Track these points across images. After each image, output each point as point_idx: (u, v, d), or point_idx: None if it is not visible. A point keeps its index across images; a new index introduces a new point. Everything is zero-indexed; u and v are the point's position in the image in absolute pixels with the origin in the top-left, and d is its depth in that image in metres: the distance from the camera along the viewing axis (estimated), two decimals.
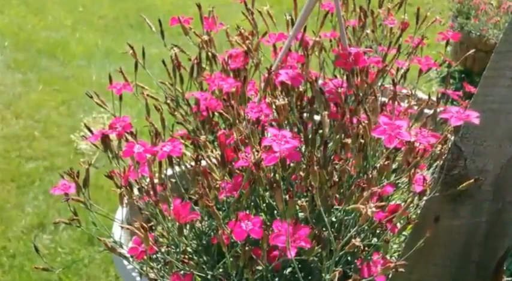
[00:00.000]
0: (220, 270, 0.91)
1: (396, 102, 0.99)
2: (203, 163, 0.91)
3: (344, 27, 1.04)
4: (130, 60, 1.11)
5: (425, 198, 0.84)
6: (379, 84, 1.11)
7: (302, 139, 0.88)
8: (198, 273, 0.88)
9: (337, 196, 0.89)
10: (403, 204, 0.84)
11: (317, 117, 0.96)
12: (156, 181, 0.91)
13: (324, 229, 0.79)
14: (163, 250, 0.95)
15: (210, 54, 1.11)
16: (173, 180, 0.96)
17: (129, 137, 0.95)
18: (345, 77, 0.99)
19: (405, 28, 1.15)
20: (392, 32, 1.17)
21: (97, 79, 2.92)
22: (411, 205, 0.84)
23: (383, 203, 0.87)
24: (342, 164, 0.87)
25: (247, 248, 0.80)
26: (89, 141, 0.95)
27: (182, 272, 0.87)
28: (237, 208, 0.87)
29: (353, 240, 0.76)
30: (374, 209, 0.75)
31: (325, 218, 0.77)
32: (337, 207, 0.88)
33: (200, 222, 0.99)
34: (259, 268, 0.83)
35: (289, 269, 0.92)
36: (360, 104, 0.92)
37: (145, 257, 0.88)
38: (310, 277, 0.94)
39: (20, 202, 2.02)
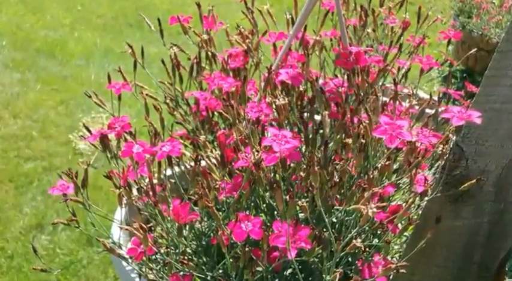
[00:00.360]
0: (220, 271, 0.90)
1: (397, 102, 0.99)
2: (203, 163, 0.90)
3: (345, 26, 1.04)
4: (129, 60, 1.10)
5: (426, 198, 0.84)
6: (380, 83, 1.10)
7: (302, 139, 0.88)
8: (197, 274, 0.88)
9: (338, 196, 0.89)
10: (404, 204, 0.83)
11: (317, 117, 0.95)
12: (155, 181, 0.91)
13: (324, 229, 0.79)
14: (162, 250, 0.95)
15: (209, 53, 1.11)
16: (172, 180, 0.96)
17: (128, 137, 0.95)
18: (345, 77, 0.99)
19: (406, 27, 1.15)
20: (393, 31, 1.17)
21: (96, 79, 2.91)
22: (412, 205, 0.83)
23: (384, 204, 0.86)
24: (342, 164, 0.86)
25: (247, 249, 0.79)
26: (88, 141, 0.94)
27: (181, 273, 0.86)
28: (236, 208, 0.86)
29: (354, 241, 0.76)
30: (375, 209, 0.74)
31: (325, 218, 0.76)
32: (338, 208, 0.88)
33: (200, 223, 0.99)
34: (259, 269, 0.82)
35: (289, 270, 0.92)
36: (360, 103, 0.91)
37: (144, 258, 0.87)
38: (310, 278, 0.93)
39: (18, 202, 2.01)
